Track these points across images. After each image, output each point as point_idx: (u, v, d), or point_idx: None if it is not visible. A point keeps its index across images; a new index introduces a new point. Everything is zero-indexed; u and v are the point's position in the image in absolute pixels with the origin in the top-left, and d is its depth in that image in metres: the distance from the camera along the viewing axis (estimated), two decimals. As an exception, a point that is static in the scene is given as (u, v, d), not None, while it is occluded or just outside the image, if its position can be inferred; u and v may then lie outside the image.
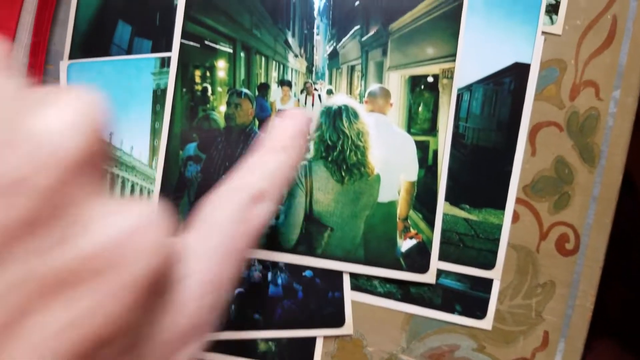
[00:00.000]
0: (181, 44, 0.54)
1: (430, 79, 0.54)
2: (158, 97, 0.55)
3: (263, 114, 0.55)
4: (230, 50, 0.55)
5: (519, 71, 0.54)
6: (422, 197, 0.53)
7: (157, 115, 0.55)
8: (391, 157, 0.54)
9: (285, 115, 0.36)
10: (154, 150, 0.55)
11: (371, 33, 0.55)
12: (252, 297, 0.54)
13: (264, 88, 0.55)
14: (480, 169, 0.53)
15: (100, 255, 0.15)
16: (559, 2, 0.54)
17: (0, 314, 0.13)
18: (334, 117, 0.53)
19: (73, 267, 0.15)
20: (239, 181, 0.28)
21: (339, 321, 0.54)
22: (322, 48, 0.54)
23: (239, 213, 0.26)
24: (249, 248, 0.27)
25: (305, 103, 0.55)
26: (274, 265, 0.54)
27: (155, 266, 0.16)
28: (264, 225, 0.28)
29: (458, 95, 0.54)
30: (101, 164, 0.17)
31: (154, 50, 0.55)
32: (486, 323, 0.55)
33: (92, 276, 0.15)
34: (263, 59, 0.55)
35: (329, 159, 0.52)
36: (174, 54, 0.54)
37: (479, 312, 0.55)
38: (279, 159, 0.29)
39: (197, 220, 0.26)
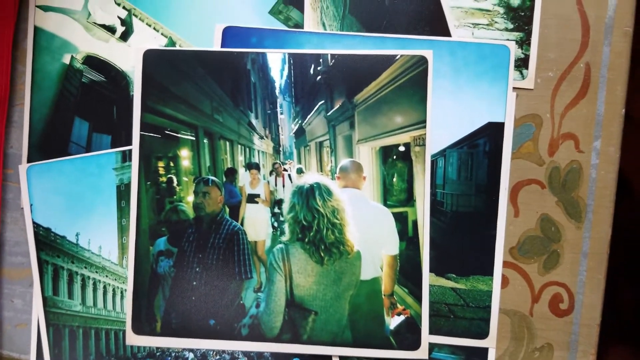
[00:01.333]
0: (141, 135, 0.52)
1: (401, 148, 0.52)
2: (122, 192, 0.53)
3: (232, 200, 0.54)
4: (193, 138, 0.53)
5: (493, 131, 0.52)
6: (406, 270, 0.51)
7: (122, 211, 0.53)
8: (370, 232, 0.52)
9: None
10: (123, 248, 0.53)
11: (336, 107, 0.53)
12: (241, 391, 0.52)
13: (232, 173, 0.53)
14: (463, 236, 0.52)
15: None
16: (529, 55, 0.52)
17: None
18: (307, 196, 0.51)
19: None
20: None
21: (333, 409, 0.53)
22: (287, 127, 0.52)
23: None
24: None
25: (276, 184, 0.53)
26: (260, 355, 0.52)
27: None
28: None
29: (432, 162, 0.52)
30: None
31: (113, 145, 0.54)
32: (486, 394, 0.53)
33: None
34: (227, 143, 0.54)
35: (306, 239, 0.50)
36: (135, 147, 0.52)
37: (477, 383, 0.53)
38: None
39: None
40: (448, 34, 0.52)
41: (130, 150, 0.52)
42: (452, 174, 0.51)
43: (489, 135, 0.51)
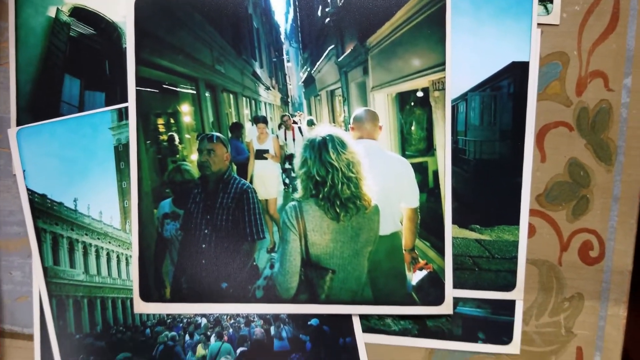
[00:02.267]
0: (137, 91, 0.49)
1: (420, 94, 0.48)
2: (120, 153, 0.50)
3: (240, 157, 0.50)
4: (194, 92, 0.49)
5: (517, 71, 0.49)
6: (428, 223, 0.49)
7: (122, 173, 0.50)
8: (388, 185, 0.49)
9: None
10: (125, 213, 0.50)
11: (348, 51, 0.49)
12: (257, 355, 0.50)
13: (237, 128, 0.50)
14: (487, 185, 0.49)
15: None
16: (553, -13, 0.48)
17: None
18: (319, 149, 0.48)
19: None
20: None
21: (355, 369, 0.51)
22: (295, 75, 0.48)
23: None
24: None
25: (285, 139, 0.50)
26: (276, 318, 0.50)
27: None
28: None
29: (453, 107, 0.49)
30: None
31: (108, 103, 0.50)
32: (513, 347, 0.51)
33: None
34: (231, 96, 0.50)
35: (320, 196, 0.47)
36: (131, 104, 0.48)
37: (505, 337, 0.51)
38: None
39: None
40: (466, -33, 0.47)
41: (126, 108, 0.49)
42: (475, 120, 0.48)
43: (513, 75, 0.48)
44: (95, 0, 0.50)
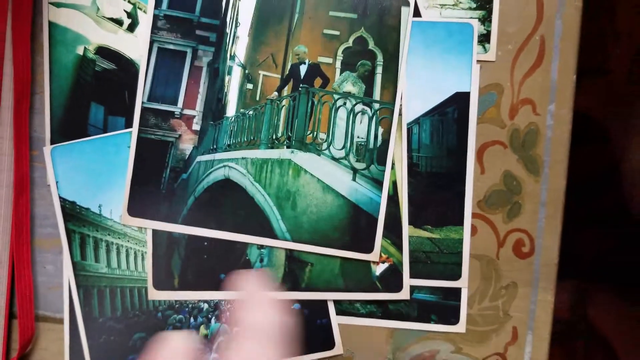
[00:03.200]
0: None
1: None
2: (138, 168, 0.61)
3: (235, 170, 0.61)
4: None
5: (461, 100, 0.59)
6: (388, 224, 0.59)
7: (139, 184, 0.60)
8: (356, 193, 0.59)
9: None
10: (142, 216, 0.61)
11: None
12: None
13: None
14: (436, 192, 0.59)
15: None
16: (490, 31, 0.60)
17: None
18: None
19: None
20: None
21: (330, 344, 0.62)
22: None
23: None
24: None
25: (272, 155, 0.61)
26: (265, 303, 0.60)
27: None
28: None
29: (408, 129, 0.59)
30: None
31: (127, 126, 0.61)
32: (460, 327, 0.62)
33: None
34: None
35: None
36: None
37: (453, 318, 0.62)
38: None
39: None
40: (419, 15, 0.58)
41: (142, 130, 0.59)
42: (426, 139, 0.59)
43: (457, 103, 0.58)
44: (117, 41, 0.61)
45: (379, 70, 0.57)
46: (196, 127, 0.59)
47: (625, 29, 1.04)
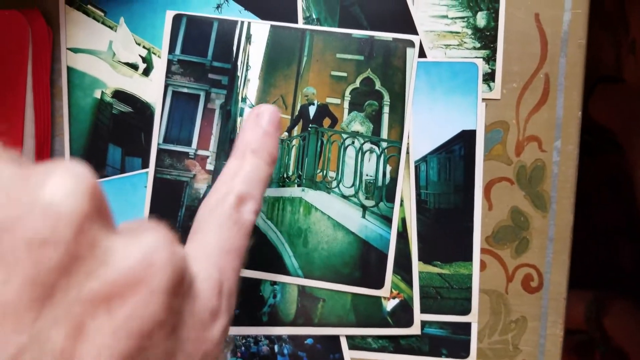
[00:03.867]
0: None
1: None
2: (154, 207, 0.63)
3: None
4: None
5: (467, 137, 0.61)
6: (399, 260, 0.61)
7: (155, 223, 0.63)
8: (365, 230, 0.61)
9: (252, 115, 0.36)
10: (158, 254, 0.63)
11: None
12: (264, 368, 0.62)
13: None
14: (445, 229, 0.61)
15: (130, 273, 0.20)
16: (495, 70, 0.61)
17: (68, 324, 0.18)
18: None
19: (111, 285, 0.19)
20: (222, 187, 0.32)
21: (342, 379, 0.63)
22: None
23: (228, 217, 0.30)
24: (244, 244, 0.31)
25: (283, 193, 0.63)
26: (279, 338, 0.62)
27: (171, 274, 0.21)
28: (252, 223, 0.31)
29: (416, 167, 0.61)
30: (105, 210, 0.21)
31: (144, 166, 0.63)
32: (471, 361, 0.63)
33: (128, 289, 0.19)
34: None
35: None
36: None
37: (463, 352, 0.62)
38: (252, 162, 0.33)
39: (193, 232, 0.31)
40: (424, 55, 0.60)
41: (157, 171, 0.61)
42: (434, 177, 0.60)
43: (463, 141, 0.59)
44: (133, 85, 0.63)
45: (386, 110, 0.59)
46: (210, 167, 0.61)
47: (639, 38, 1.05)
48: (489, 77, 0.58)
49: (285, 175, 0.60)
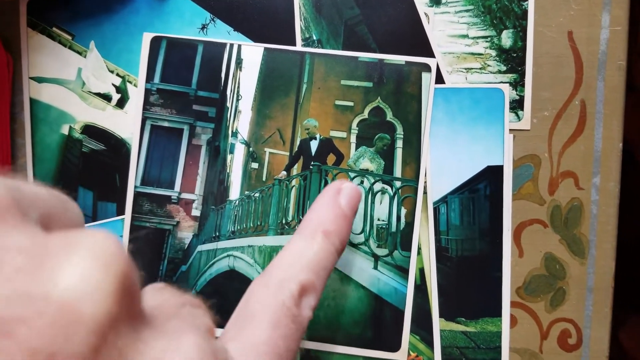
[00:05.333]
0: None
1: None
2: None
3: (241, 260, 0.54)
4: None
5: (493, 174, 0.52)
6: (417, 317, 0.52)
7: (134, 278, 0.53)
8: (378, 283, 0.52)
9: (331, 190, 0.33)
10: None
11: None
12: None
13: (237, 234, 0.53)
14: (469, 280, 0.52)
15: None
16: (523, 96, 0.52)
17: None
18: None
19: None
20: (282, 271, 0.26)
21: None
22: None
23: (286, 313, 0.25)
24: (298, 347, 0.26)
25: (282, 242, 0.54)
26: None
27: None
28: (309, 321, 0.27)
29: (435, 209, 0.52)
30: (137, 303, 0.17)
31: (119, 213, 0.54)
32: None
33: None
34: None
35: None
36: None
37: (493, 420, 0.53)
38: (322, 246, 0.27)
39: (239, 324, 0.25)
40: (442, 81, 0.51)
41: (136, 218, 0.52)
42: (455, 220, 0.51)
43: (489, 178, 0.51)
44: (105, 119, 0.54)
45: (399, 144, 0.50)
46: (196, 212, 0.52)
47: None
48: (517, 105, 0.50)
49: (284, 221, 0.52)
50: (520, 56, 0.51)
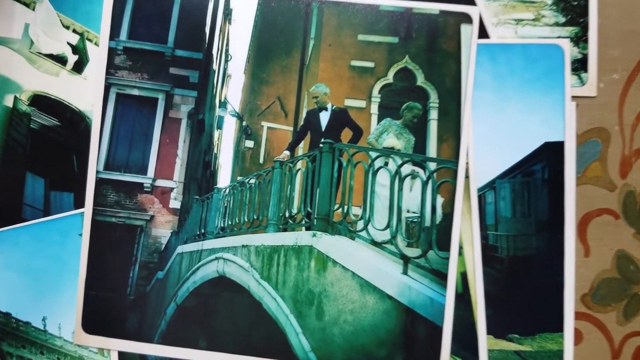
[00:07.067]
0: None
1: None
2: (94, 265, 0.41)
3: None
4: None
5: (552, 152, 0.42)
6: (459, 335, 0.41)
7: (96, 289, 0.41)
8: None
9: None
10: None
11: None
12: None
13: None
14: (524, 286, 0.42)
15: None
16: (587, 55, 0.41)
17: None
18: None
19: None
20: None
21: None
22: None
23: None
24: None
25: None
26: None
27: None
28: None
29: (480, 197, 0.41)
30: None
31: (77, 205, 0.42)
32: None
33: None
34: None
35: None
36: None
37: None
38: None
39: None
40: (485, 35, 0.40)
41: (98, 212, 0.40)
42: (506, 211, 0.41)
43: (547, 158, 0.41)
44: (60, 87, 0.42)
45: (433, 114, 0.40)
46: (175, 204, 0.41)
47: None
48: (580, 66, 0.40)
49: (287, 214, 0.41)
50: (583, 4, 0.42)
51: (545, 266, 0.43)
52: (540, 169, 0.43)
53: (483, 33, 0.43)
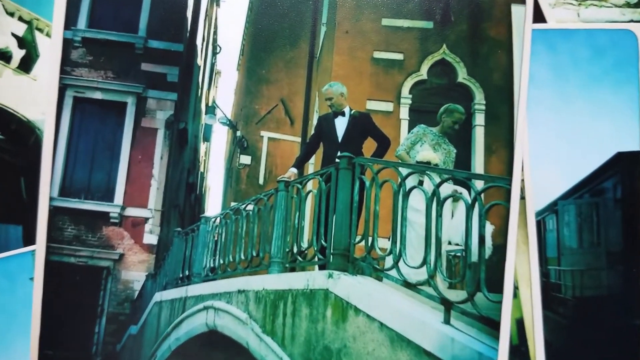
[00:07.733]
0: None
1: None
2: (48, 315, 0.34)
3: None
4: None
5: (626, 165, 0.36)
6: (513, 397, 0.33)
7: (51, 344, 0.33)
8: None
9: None
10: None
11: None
12: None
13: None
14: (594, 334, 0.35)
15: None
16: (668, 42, 0.33)
17: None
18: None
19: None
20: None
21: None
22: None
23: None
24: None
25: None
26: None
27: None
28: None
29: (538, 223, 0.34)
30: None
31: (27, 242, 0.35)
32: None
33: None
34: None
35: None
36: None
37: None
38: None
39: None
40: (542, 19, 0.33)
41: (55, 248, 0.33)
42: (570, 240, 0.36)
43: (621, 172, 0.36)
44: (2, 91, 0.35)
45: (479, 119, 0.37)
46: (150, 238, 0.35)
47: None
48: None
49: (295, 250, 0.35)
50: (661, -21, 0.32)
51: (618, 307, 0.37)
52: (611, 186, 0.37)
53: (539, 16, 0.36)
